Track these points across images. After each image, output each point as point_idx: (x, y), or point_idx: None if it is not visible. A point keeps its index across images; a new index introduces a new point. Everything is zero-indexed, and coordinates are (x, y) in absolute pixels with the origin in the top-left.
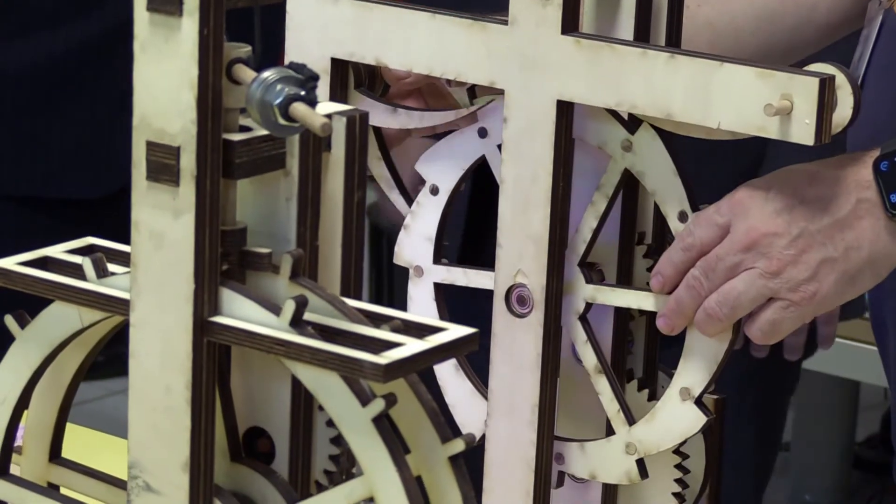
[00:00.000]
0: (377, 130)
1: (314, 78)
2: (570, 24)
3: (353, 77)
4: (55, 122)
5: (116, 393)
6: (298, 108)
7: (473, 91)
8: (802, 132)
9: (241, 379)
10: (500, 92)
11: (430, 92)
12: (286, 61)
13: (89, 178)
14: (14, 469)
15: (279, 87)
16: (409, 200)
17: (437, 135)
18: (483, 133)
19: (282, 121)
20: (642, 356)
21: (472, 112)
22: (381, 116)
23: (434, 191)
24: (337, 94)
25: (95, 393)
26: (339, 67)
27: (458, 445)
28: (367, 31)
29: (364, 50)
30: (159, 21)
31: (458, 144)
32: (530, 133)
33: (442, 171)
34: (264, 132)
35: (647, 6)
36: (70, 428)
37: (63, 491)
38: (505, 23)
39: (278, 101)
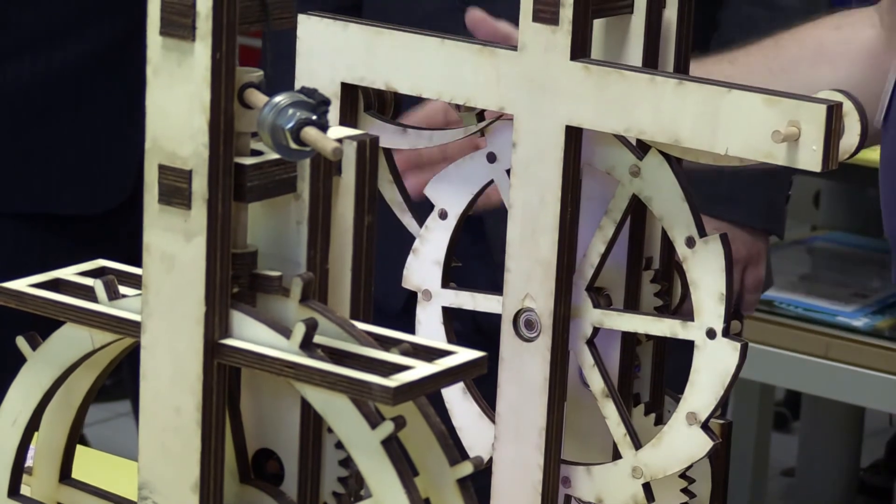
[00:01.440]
0: (388, 154)
1: (326, 102)
2: (579, 51)
3: (362, 100)
4: (52, 139)
5: (122, 415)
6: (310, 133)
7: (482, 116)
8: (810, 158)
9: (251, 401)
10: (510, 117)
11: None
12: (297, 86)
13: (87, 194)
14: (24, 489)
15: (291, 111)
16: (421, 223)
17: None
18: (492, 158)
19: (293, 145)
20: (649, 380)
21: (480, 133)
22: (391, 137)
23: (443, 215)
24: (347, 119)
25: (102, 415)
26: (349, 92)
27: (466, 468)
28: (377, 55)
29: (374, 75)
30: (172, 45)
31: (467, 169)
32: (539, 158)
33: (450, 195)
34: (276, 156)
35: (656, 33)
36: (79, 449)
37: None
38: (514, 48)
39: (290, 125)
